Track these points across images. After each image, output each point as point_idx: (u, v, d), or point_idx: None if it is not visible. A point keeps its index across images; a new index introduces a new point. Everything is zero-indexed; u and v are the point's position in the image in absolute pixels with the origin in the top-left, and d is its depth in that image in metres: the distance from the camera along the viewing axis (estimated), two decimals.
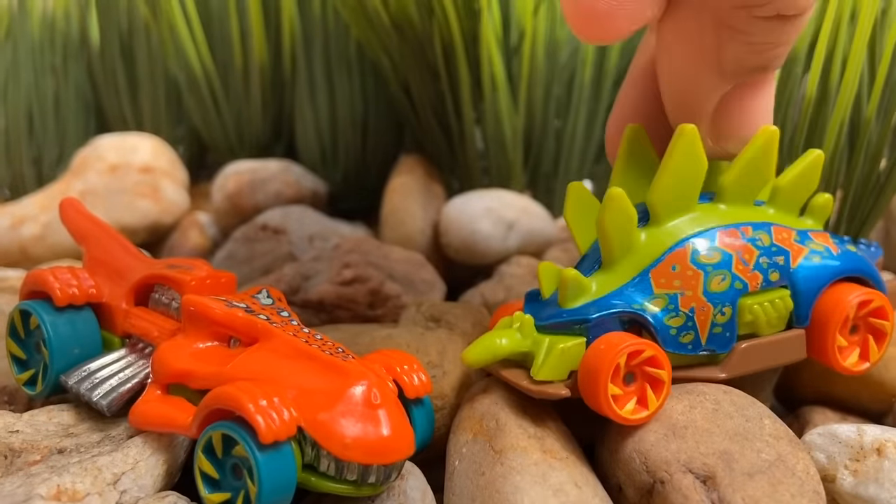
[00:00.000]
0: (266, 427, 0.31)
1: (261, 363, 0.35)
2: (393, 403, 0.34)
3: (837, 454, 0.38)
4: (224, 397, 0.33)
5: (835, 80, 0.47)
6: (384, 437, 0.33)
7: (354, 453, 0.32)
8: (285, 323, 0.37)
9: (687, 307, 0.38)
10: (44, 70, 0.73)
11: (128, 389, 0.39)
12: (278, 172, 0.65)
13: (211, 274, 0.41)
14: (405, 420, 0.34)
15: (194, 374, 0.37)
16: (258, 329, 0.37)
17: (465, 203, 0.59)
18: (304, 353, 0.35)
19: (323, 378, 0.34)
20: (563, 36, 0.61)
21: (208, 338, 0.38)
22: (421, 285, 0.53)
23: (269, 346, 0.36)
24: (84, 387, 0.39)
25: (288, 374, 0.34)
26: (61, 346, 0.40)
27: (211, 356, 0.37)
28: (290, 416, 0.32)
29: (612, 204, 0.37)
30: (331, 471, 0.33)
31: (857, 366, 0.41)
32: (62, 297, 0.41)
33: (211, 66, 0.67)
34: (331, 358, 0.35)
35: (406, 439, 0.34)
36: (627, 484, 0.36)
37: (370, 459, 0.33)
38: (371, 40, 0.61)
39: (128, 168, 0.65)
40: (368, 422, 0.33)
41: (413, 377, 0.37)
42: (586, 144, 0.64)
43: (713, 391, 0.38)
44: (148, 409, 0.37)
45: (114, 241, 0.45)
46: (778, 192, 0.41)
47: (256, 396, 0.32)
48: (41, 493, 0.33)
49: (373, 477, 0.33)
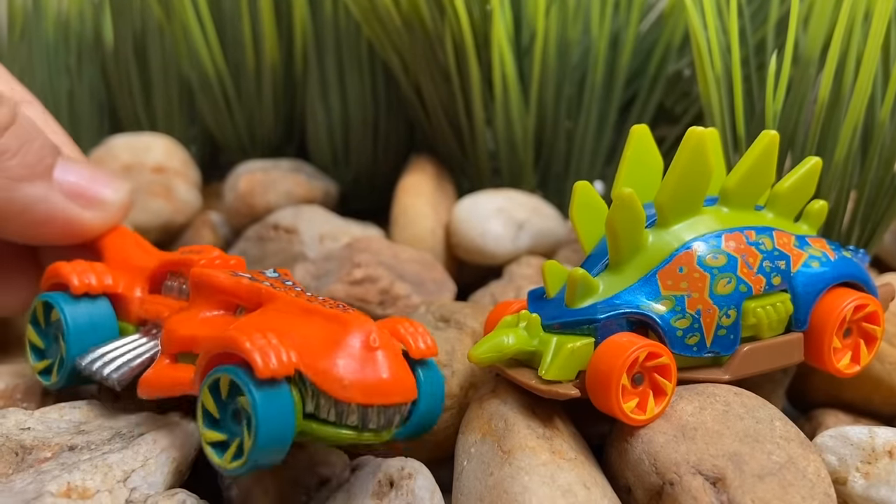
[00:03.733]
0: (263, 363, 0.32)
1: (264, 319, 0.36)
2: (392, 349, 0.34)
3: (849, 456, 0.38)
4: (222, 339, 0.34)
5: (848, 82, 0.47)
6: (383, 379, 0.33)
7: (353, 393, 0.33)
8: (289, 290, 0.38)
9: (693, 309, 0.38)
10: (58, 70, 0.73)
11: (138, 364, 0.40)
12: (290, 172, 0.65)
13: (221, 255, 0.43)
14: (405, 367, 0.35)
15: (200, 338, 0.37)
16: (262, 294, 0.37)
17: (475, 203, 0.59)
18: (307, 309, 0.36)
19: (324, 328, 0.34)
20: (574, 36, 0.61)
21: (215, 306, 0.39)
22: (431, 285, 0.53)
23: (273, 306, 0.36)
24: (97, 365, 0.40)
25: (290, 328, 0.35)
26: (78, 334, 0.42)
27: (217, 322, 0.38)
28: (288, 357, 0.33)
29: (621, 204, 0.37)
30: (331, 416, 0.33)
31: (849, 368, 0.41)
32: (79, 286, 0.42)
33: (223, 66, 0.67)
34: (332, 311, 0.35)
35: (406, 383, 0.34)
36: (636, 485, 0.36)
37: (369, 399, 0.33)
38: (382, 40, 0.61)
39: (141, 168, 0.65)
40: (367, 363, 0.33)
41: (418, 339, 0.37)
42: (597, 145, 0.64)
43: (723, 392, 0.38)
44: (155, 376, 0.38)
45: (126, 237, 0.47)
46: (776, 198, 0.42)
47: (254, 335, 0.33)
48: (51, 490, 0.34)
49: (373, 421, 0.33)
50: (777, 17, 0.54)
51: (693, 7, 0.49)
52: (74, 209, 0.44)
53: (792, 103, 0.48)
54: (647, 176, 0.42)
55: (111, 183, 0.46)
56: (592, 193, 0.40)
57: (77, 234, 0.45)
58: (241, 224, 0.64)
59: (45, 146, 0.44)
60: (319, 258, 0.55)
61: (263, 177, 0.64)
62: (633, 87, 0.65)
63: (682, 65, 0.64)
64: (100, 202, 0.45)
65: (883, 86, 0.49)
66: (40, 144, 0.43)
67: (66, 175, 0.44)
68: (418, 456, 0.38)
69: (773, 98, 0.47)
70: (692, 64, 0.63)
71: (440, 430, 0.41)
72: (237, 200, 0.63)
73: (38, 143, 0.43)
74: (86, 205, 0.45)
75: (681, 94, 0.65)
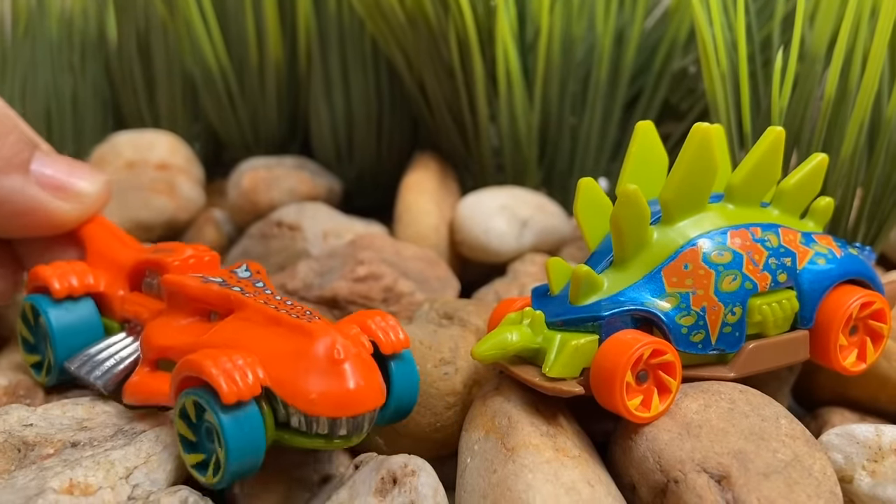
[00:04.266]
0: (228, 388, 0.33)
1: (232, 332, 0.37)
2: (358, 357, 0.35)
3: (855, 455, 0.38)
4: (189, 364, 0.34)
5: (855, 78, 0.47)
6: (350, 390, 0.34)
7: (320, 407, 0.34)
8: (259, 293, 0.39)
9: (698, 306, 0.38)
10: (62, 68, 0.73)
11: (122, 369, 0.41)
12: (293, 169, 0.65)
13: (194, 254, 0.43)
14: (373, 372, 0.35)
15: (175, 348, 0.38)
16: (231, 300, 0.38)
17: (479, 200, 0.58)
18: (273, 318, 0.36)
19: (289, 340, 0.35)
20: (578, 32, 0.61)
21: (189, 314, 0.40)
22: (435, 283, 0.53)
23: (242, 315, 0.37)
24: (84, 370, 0.42)
25: (257, 341, 0.36)
26: (63, 336, 0.43)
27: (191, 330, 0.39)
28: (254, 376, 0.34)
29: (626, 200, 0.37)
30: (301, 426, 0.34)
31: (855, 366, 0.41)
32: (60, 289, 0.43)
33: (227, 63, 0.67)
34: (296, 321, 0.36)
35: (374, 390, 0.35)
36: (641, 483, 0.36)
37: (336, 412, 0.34)
38: (386, 37, 0.61)
39: (144, 165, 0.65)
40: (333, 376, 0.34)
41: (389, 333, 0.38)
42: (602, 142, 0.64)
43: (728, 390, 0.38)
44: (138, 384, 0.39)
45: (109, 233, 0.47)
46: (782, 195, 0.42)
47: (219, 360, 0.33)
48: (54, 486, 0.34)
49: (342, 429, 0.34)
50: (783, 13, 0.54)
51: (698, 3, 0.48)
52: (52, 201, 0.45)
53: (798, 100, 0.48)
54: (652, 173, 0.42)
55: (87, 175, 0.47)
56: (597, 190, 0.40)
57: (54, 225, 0.46)
58: (244, 221, 0.64)
59: (21, 140, 0.44)
60: (323, 255, 0.55)
61: (267, 174, 0.64)
62: (637, 84, 0.65)
63: (687, 61, 0.64)
64: (76, 194, 0.46)
65: (890, 82, 0.48)
66: (16, 138, 0.44)
67: (43, 168, 0.45)
68: (421, 453, 0.38)
69: (779, 94, 0.47)
70: (697, 60, 0.63)
71: (443, 427, 0.41)
72: (241, 197, 0.63)
73: (13, 137, 0.44)
74: (63, 197, 0.45)
75: (686, 91, 0.65)
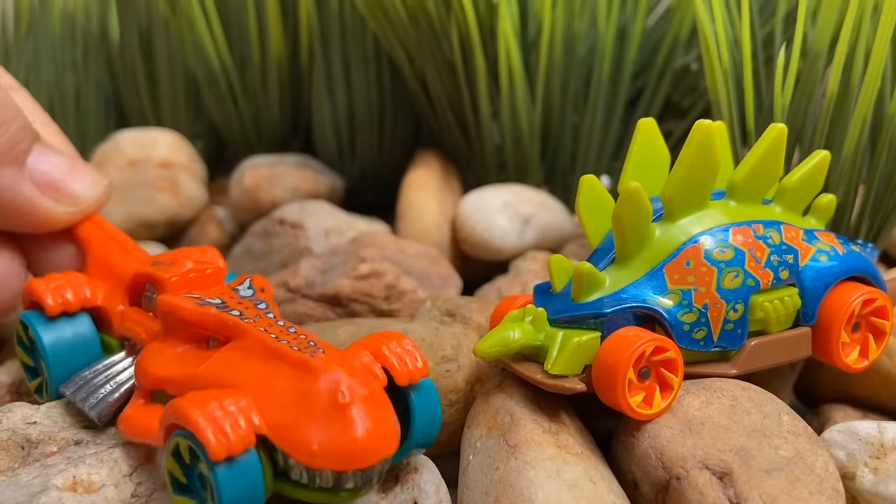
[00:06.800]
0: (217, 443, 0.29)
1: (228, 366, 0.33)
2: (367, 398, 0.30)
3: (857, 451, 0.38)
4: (176, 412, 0.31)
5: (857, 75, 0.47)
6: (357, 440, 0.29)
7: (323, 461, 0.29)
8: (260, 316, 0.35)
9: (700, 303, 0.38)
10: (64, 66, 0.73)
11: (116, 399, 0.38)
12: (295, 167, 0.65)
13: (195, 268, 0.40)
14: (385, 415, 0.31)
15: (170, 379, 0.35)
16: (229, 327, 0.34)
17: (481, 198, 0.58)
18: (272, 351, 0.32)
19: (289, 378, 0.31)
20: (581, 30, 0.61)
21: (186, 339, 0.36)
22: (437, 280, 0.53)
23: (240, 344, 0.34)
24: (79, 396, 0.38)
25: (254, 377, 0.32)
26: (56, 356, 0.39)
27: (188, 359, 0.35)
28: (247, 425, 0.30)
29: (629, 197, 0.37)
30: (303, 479, 0.31)
31: (857, 363, 0.41)
32: (54, 305, 0.40)
33: (229, 61, 0.67)
34: (297, 354, 0.32)
35: (385, 437, 0.30)
36: (643, 480, 0.36)
37: (342, 466, 0.30)
38: (388, 34, 0.61)
39: (147, 163, 0.65)
40: (337, 424, 0.30)
41: (406, 362, 0.34)
42: (604, 139, 0.64)
43: (730, 387, 0.38)
44: (132, 417, 0.36)
45: (111, 239, 0.44)
46: (784, 192, 0.42)
47: (207, 407, 0.30)
48: (57, 483, 0.34)
49: (349, 483, 0.30)
50: (785, 10, 0.54)
51: (700, 1, 0.48)
52: (43, 201, 0.42)
53: (800, 97, 0.48)
54: (654, 170, 0.42)
55: (87, 177, 0.44)
56: (599, 188, 0.40)
57: (44, 225, 0.43)
58: (246, 219, 0.64)
59: (22, 130, 0.41)
60: (325, 253, 0.55)
61: (269, 172, 0.64)
62: (640, 82, 0.64)
63: (689, 59, 0.64)
64: (71, 196, 0.43)
65: (892, 79, 0.48)
66: (18, 127, 0.41)
67: (41, 163, 0.42)
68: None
69: (781, 92, 0.47)
70: (700, 58, 0.63)
71: (446, 424, 0.41)
72: (243, 195, 0.63)
73: (14, 126, 0.41)
74: (55, 197, 0.42)
75: (688, 89, 0.65)
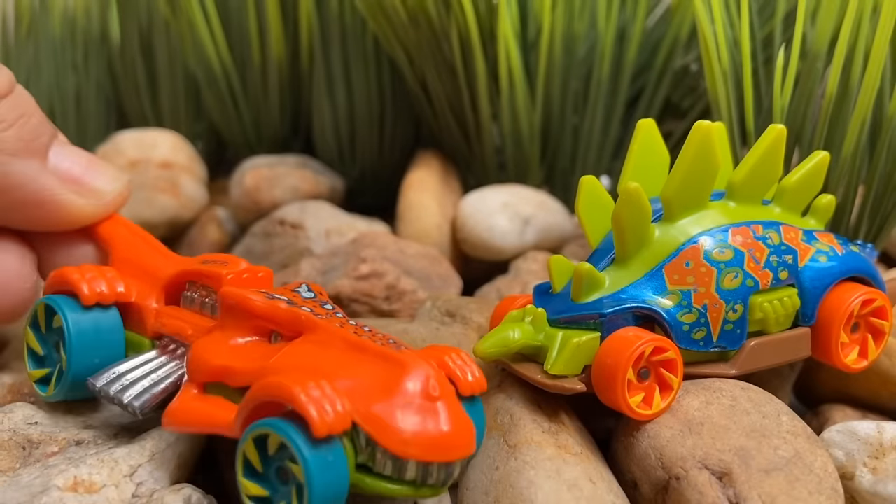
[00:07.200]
0: (320, 418, 0.29)
1: (307, 356, 0.33)
2: (451, 397, 0.31)
3: (856, 451, 0.38)
4: (273, 387, 0.30)
5: (856, 76, 0.47)
6: (445, 433, 0.30)
7: (414, 449, 0.30)
8: (330, 315, 0.35)
9: (700, 304, 0.38)
10: (65, 67, 0.74)
11: (161, 390, 0.37)
12: (296, 168, 0.65)
13: (248, 268, 0.39)
14: (465, 415, 0.32)
15: (234, 370, 0.34)
16: (302, 321, 0.34)
17: (481, 198, 0.58)
18: (354, 344, 0.32)
19: (376, 369, 0.31)
20: (580, 30, 0.61)
21: (248, 332, 0.36)
22: (437, 280, 0.53)
23: (315, 338, 0.33)
24: (114, 388, 0.37)
25: (337, 367, 0.32)
26: (82, 348, 0.38)
27: (251, 352, 0.35)
28: (344, 407, 0.30)
29: (628, 198, 0.37)
30: (387, 470, 0.30)
31: (857, 363, 0.41)
32: (90, 295, 0.39)
33: (229, 62, 0.67)
34: (384, 348, 0.32)
35: (467, 435, 0.31)
36: (643, 480, 0.36)
37: (430, 456, 0.30)
38: (388, 35, 0.61)
39: (147, 163, 0.65)
40: (428, 415, 0.30)
41: (467, 373, 0.34)
42: (604, 140, 0.64)
43: (730, 387, 0.38)
44: (185, 409, 0.35)
45: (140, 239, 0.44)
46: (784, 192, 0.42)
47: (308, 385, 0.30)
48: (58, 484, 0.34)
49: (433, 477, 0.31)
50: (784, 10, 0.54)
51: (700, 1, 0.48)
52: (67, 194, 0.42)
53: (800, 97, 0.48)
54: (654, 170, 0.42)
55: (107, 172, 0.44)
56: (599, 188, 0.40)
57: (67, 220, 0.43)
58: (247, 220, 0.64)
59: (42, 123, 0.42)
60: (325, 253, 0.55)
61: (269, 172, 0.64)
62: (639, 82, 0.65)
63: (689, 59, 0.64)
64: (93, 190, 0.43)
65: (891, 79, 0.48)
66: (38, 121, 0.41)
67: (62, 159, 0.42)
68: None
69: (780, 92, 0.47)
70: (699, 58, 0.63)
71: None
72: (243, 196, 0.63)
73: (35, 119, 0.41)
74: (79, 191, 0.42)
75: (688, 89, 0.65)
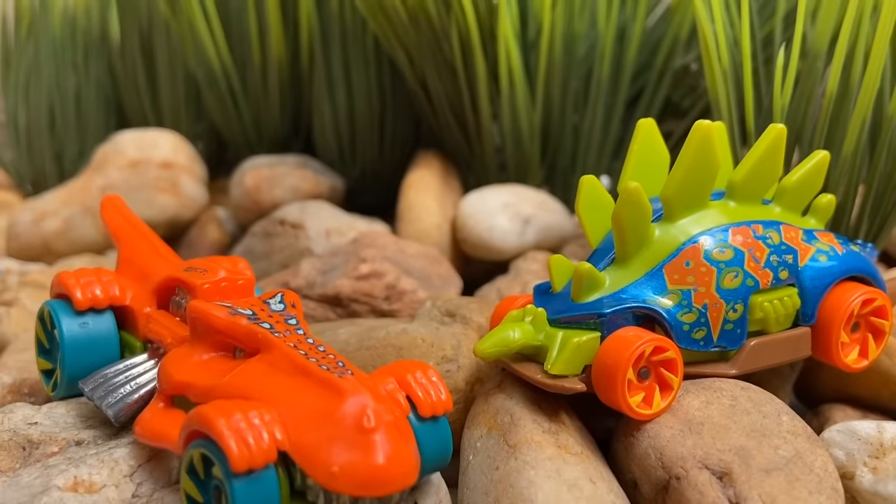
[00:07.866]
0: (239, 453, 0.29)
1: (254, 378, 0.33)
2: (391, 426, 0.30)
3: (856, 451, 0.38)
4: (199, 418, 0.31)
5: (856, 76, 0.47)
6: (378, 466, 0.29)
7: (342, 483, 0.29)
8: (290, 332, 0.35)
9: (700, 303, 0.38)
10: (65, 67, 0.74)
11: (136, 399, 0.38)
12: (296, 168, 0.65)
13: (227, 277, 0.40)
14: (407, 445, 0.31)
15: (193, 386, 0.35)
16: (258, 339, 0.34)
17: (481, 198, 0.58)
18: (300, 367, 0.32)
19: (316, 396, 0.31)
20: (581, 30, 0.61)
21: (213, 347, 0.36)
22: (437, 280, 0.53)
23: (268, 358, 0.34)
24: (98, 394, 0.38)
25: (280, 391, 0.32)
26: (75, 352, 0.40)
27: (212, 367, 0.35)
28: (270, 439, 0.30)
29: (628, 198, 0.37)
30: (320, 501, 0.30)
31: (857, 363, 0.41)
32: (83, 300, 0.40)
33: (230, 62, 0.67)
34: (326, 374, 0.31)
35: (405, 467, 0.30)
36: (643, 480, 0.36)
37: (361, 491, 0.29)
38: (388, 35, 0.61)
39: (148, 164, 0.65)
40: (360, 448, 0.29)
41: (430, 392, 0.34)
42: (604, 139, 0.64)
43: (730, 387, 0.38)
44: (148, 421, 0.36)
45: (145, 240, 0.44)
46: (784, 192, 0.42)
47: (232, 417, 0.30)
48: (58, 484, 0.34)
49: None
50: (785, 10, 0.54)
51: (700, 1, 0.48)
52: None
53: (800, 97, 0.48)
54: (654, 170, 0.42)
55: None
56: (599, 188, 0.40)
57: None
58: (247, 219, 0.64)
59: None
60: (326, 253, 0.55)
61: (269, 172, 0.64)
62: (639, 82, 0.65)
63: (689, 59, 0.64)
64: None
65: (891, 79, 0.48)
66: None
67: None
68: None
69: (780, 92, 0.47)
70: (699, 58, 0.63)
71: None
72: (243, 196, 0.64)
73: None
74: None
75: (688, 89, 0.65)
